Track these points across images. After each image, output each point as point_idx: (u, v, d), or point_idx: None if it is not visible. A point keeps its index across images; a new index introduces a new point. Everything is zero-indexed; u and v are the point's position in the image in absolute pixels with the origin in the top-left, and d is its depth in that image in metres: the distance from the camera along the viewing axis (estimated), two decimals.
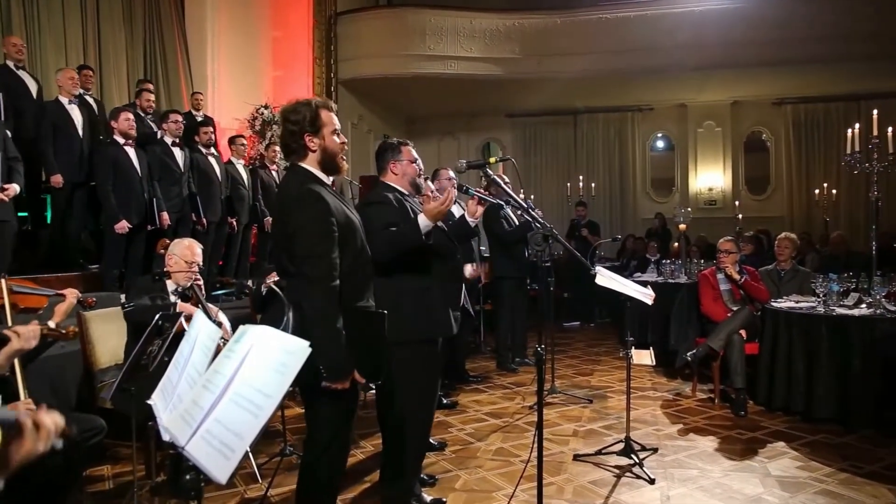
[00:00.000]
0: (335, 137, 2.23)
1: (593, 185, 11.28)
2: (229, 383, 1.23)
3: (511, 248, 5.71)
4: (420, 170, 3.00)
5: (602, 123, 12.61)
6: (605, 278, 3.37)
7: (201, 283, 3.35)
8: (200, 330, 1.56)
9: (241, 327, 1.30)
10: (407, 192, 2.94)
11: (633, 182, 12.44)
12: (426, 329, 2.72)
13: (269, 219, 6.51)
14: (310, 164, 2.20)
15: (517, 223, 5.75)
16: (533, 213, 2.88)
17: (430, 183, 4.62)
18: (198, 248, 3.41)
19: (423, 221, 2.52)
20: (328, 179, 2.23)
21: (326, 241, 2.05)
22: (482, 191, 2.97)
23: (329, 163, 2.22)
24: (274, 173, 6.79)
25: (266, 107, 8.50)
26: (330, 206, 2.10)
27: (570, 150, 12.71)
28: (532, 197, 11.34)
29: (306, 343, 1.16)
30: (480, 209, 2.96)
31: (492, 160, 2.83)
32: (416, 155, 2.99)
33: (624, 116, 12.47)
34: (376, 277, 2.28)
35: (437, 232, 2.85)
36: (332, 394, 2.07)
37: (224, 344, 1.43)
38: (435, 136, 12.95)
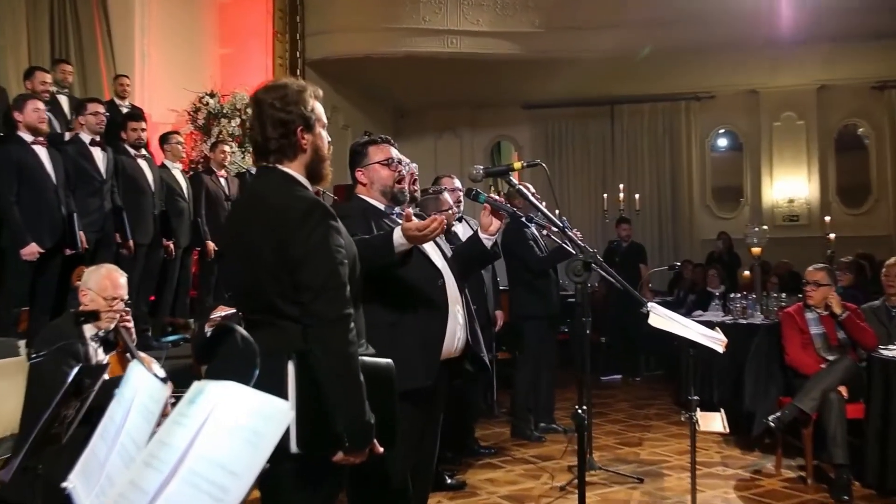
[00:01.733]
0: (325, 135, 2.24)
1: (637, 196, 11.33)
2: (182, 458, 1.21)
3: (536, 280, 5.72)
4: (401, 173, 2.96)
5: (648, 116, 12.73)
6: (662, 318, 3.36)
7: (131, 324, 3.32)
8: (139, 388, 1.54)
9: (195, 384, 1.28)
10: (384, 207, 2.94)
11: (689, 192, 12.53)
12: None
13: (211, 243, 6.54)
14: (293, 169, 2.18)
15: (545, 246, 5.75)
16: (571, 233, 2.88)
17: (445, 195, 4.65)
18: (120, 278, 3.39)
19: (398, 238, 2.51)
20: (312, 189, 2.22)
21: (342, 270, 2.06)
22: (497, 197, 2.97)
23: (318, 168, 2.22)
24: (222, 181, 6.84)
25: (212, 95, 8.57)
26: (341, 228, 2.11)
27: (607, 151, 12.83)
28: (557, 212, 11.38)
29: (287, 404, 1.14)
30: (496, 223, 2.96)
31: (517, 165, 2.84)
32: (393, 153, 2.96)
33: (676, 107, 12.60)
34: None
35: (415, 251, 2.85)
36: (329, 469, 2.05)
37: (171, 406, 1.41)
38: (431, 133, 13.07)
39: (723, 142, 13.08)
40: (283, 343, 2.03)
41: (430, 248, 2.96)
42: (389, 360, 2.18)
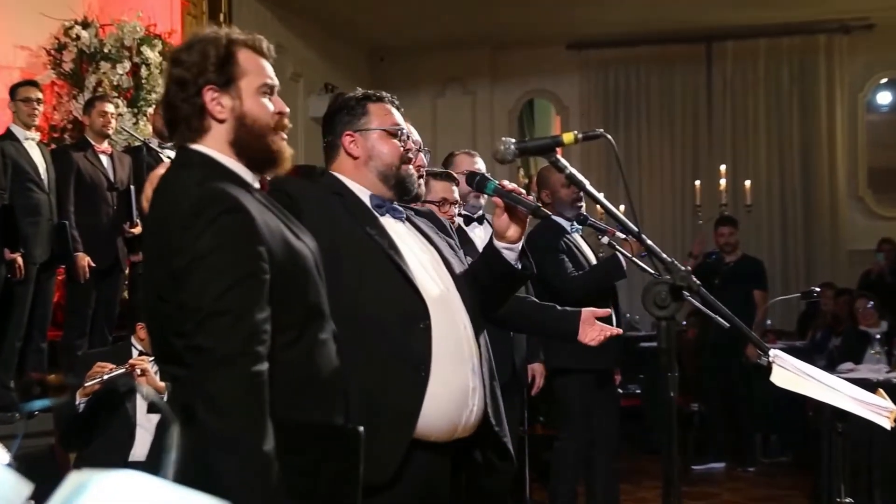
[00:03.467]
0: (263, 100, 2.37)
1: (747, 183, 11.30)
2: None
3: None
4: (411, 151, 3.06)
5: (765, 59, 12.76)
6: (791, 374, 3.36)
7: None
8: None
9: (72, 477, 1.28)
10: (371, 198, 3.03)
11: (831, 176, 12.53)
12: None
13: (83, 256, 6.54)
14: (213, 147, 2.33)
15: (586, 259, 5.75)
16: (646, 241, 2.88)
17: (453, 188, 4.67)
18: None
19: None
20: (250, 176, 2.36)
21: (244, 288, 2.14)
22: (511, 185, 2.99)
23: (251, 143, 2.35)
24: (105, 159, 6.85)
25: (86, 24, 8.55)
26: (255, 224, 2.18)
27: (701, 114, 12.88)
28: (622, 207, 11.40)
29: None
30: (516, 226, 2.98)
31: (568, 138, 2.84)
32: (398, 118, 3.11)
33: (811, 43, 12.61)
34: None
35: (390, 271, 2.90)
36: None
37: None
38: (427, 86, 13.16)
39: (886, 97, 13.06)
40: (179, 402, 2.12)
41: (423, 263, 3.00)
42: (358, 427, 2.24)
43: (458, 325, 2.97)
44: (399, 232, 3.02)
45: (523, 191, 3.10)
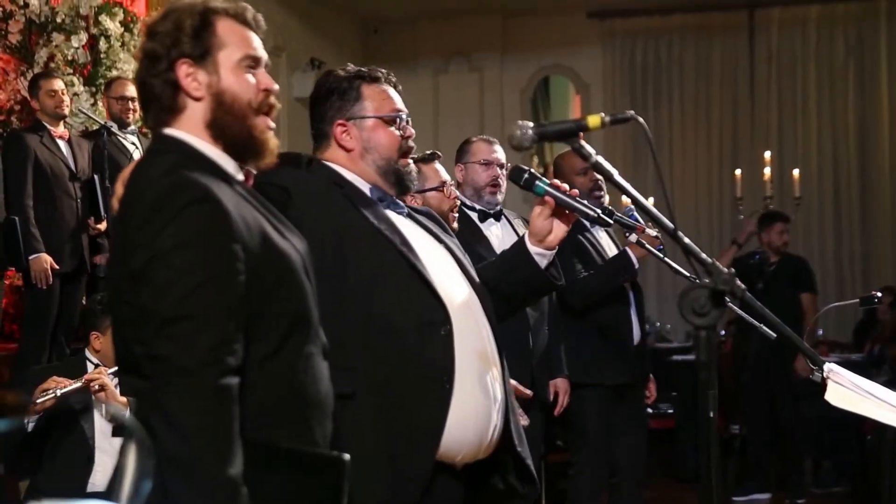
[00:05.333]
0: (246, 76, 2.38)
1: (796, 172, 11.29)
2: None
3: (592, 315, 5.72)
4: (410, 140, 3.11)
5: (816, 27, 12.72)
6: (847, 391, 3.36)
7: None
8: None
9: None
10: (370, 190, 3.06)
11: (891, 164, 12.52)
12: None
13: (44, 257, 6.53)
14: (189, 130, 2.35)
15: (603, 258, 5.75)
16: (683, 239, 2.88)
17: (437, 166, 4.65)
18: None
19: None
20: (232, 166, 2.37)
21: (212, 290, 2.15)
22: (562, 185, 2.98)
23: (230, 125, 2.37)
24: (63, 145, 6.85)
25: None
26: (229, 217, 2.19)
27: (741, 92, 12.85)
28: (651, 199, 11.40)
29: None
30: (561, 229, 2.98)
31: (594, 121, 2.84)
32: (397, 101, 3.14)
33: (870, 8, 12.57)
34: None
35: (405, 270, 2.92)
36: None
37: None
38: (427, 61, 13.18)
39: None
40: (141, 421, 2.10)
41: (436, 263, 3.00)
42: (343, 455, 2.23)
43: (481, 331, 2.99)
44: (406, 228, 3.03)
45: (577, 190, 3.10)
